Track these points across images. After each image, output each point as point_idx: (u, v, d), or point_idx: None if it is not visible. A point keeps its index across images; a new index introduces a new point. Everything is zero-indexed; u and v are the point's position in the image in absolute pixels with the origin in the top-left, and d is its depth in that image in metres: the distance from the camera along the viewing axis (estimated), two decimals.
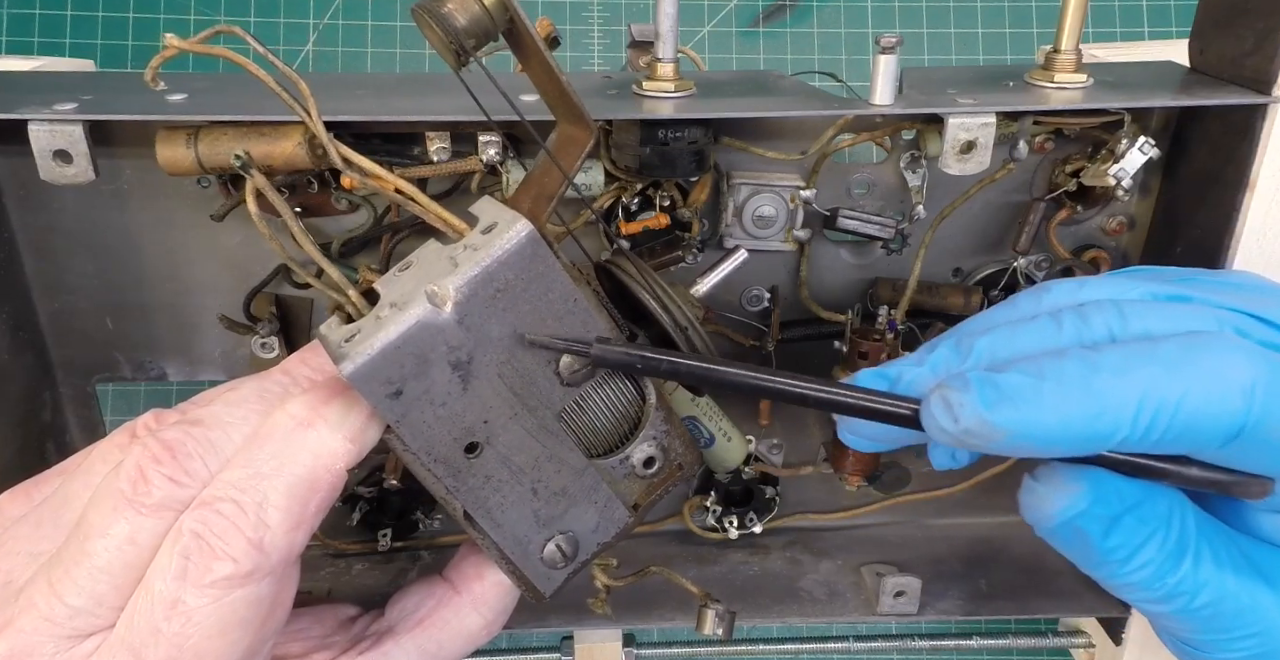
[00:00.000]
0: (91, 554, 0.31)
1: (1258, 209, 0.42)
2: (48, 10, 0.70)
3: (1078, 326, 0.33)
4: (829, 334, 0.50)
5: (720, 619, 0.41)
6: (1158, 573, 0.32)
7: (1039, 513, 0.33)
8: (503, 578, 0.39)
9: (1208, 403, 0.29)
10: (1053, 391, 0.30)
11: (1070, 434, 0.30)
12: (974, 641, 0.55)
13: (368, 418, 0.33)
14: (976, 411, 0.30)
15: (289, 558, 0.32)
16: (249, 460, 0.32)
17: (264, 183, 0.35)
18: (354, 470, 0.52)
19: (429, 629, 0.39)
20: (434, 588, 0.40)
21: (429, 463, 0.34)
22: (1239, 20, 0.41)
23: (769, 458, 0.55)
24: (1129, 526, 0.32)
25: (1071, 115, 0.44)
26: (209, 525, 0.31)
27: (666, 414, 0.38)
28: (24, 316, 0.49)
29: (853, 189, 0.49)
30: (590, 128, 0.33)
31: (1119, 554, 0.32)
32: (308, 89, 0.33)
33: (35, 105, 0.39)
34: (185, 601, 0.31)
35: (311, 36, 0.71)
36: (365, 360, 0.31)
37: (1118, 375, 0.30)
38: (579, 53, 0.71)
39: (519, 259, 0.32)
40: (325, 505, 0.33)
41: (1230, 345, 0.30)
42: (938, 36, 0.72)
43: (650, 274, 0.39)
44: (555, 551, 0.37)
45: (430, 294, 0.32)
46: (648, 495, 0.39)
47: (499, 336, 0.33)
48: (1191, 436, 0.30)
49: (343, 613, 0.42)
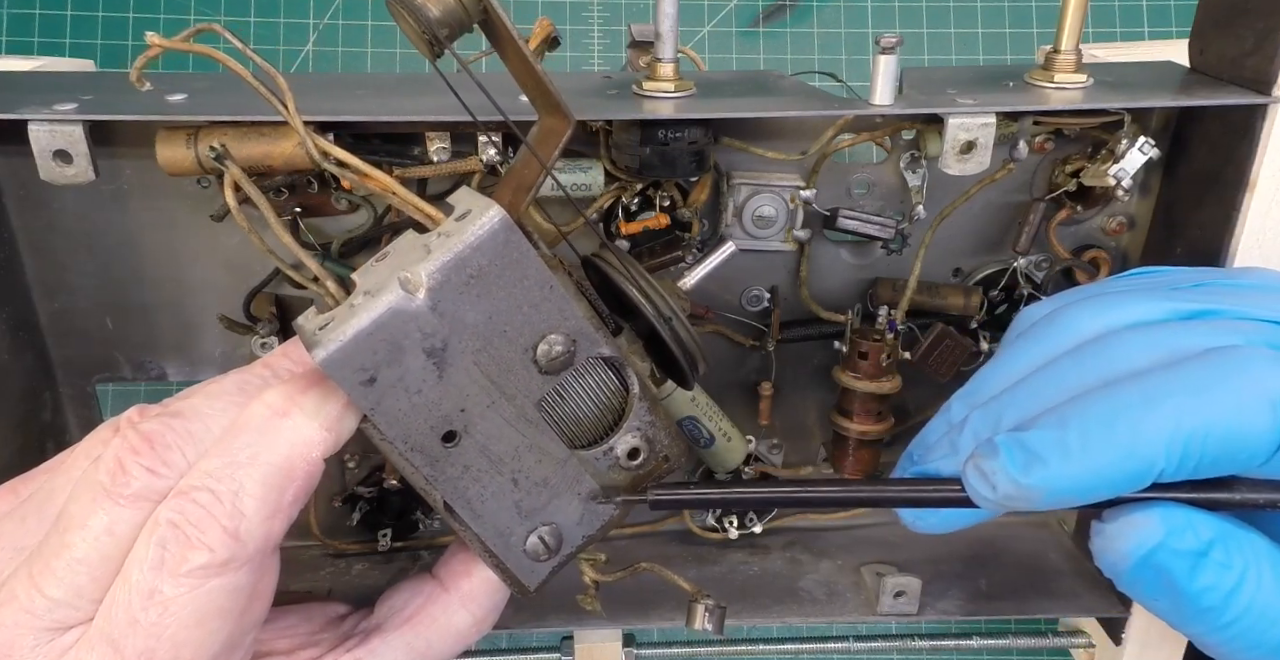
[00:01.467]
0: (70, 546, 0.31)
1: (1258, 209, 0.41)
2: (48, 10, 0.70)
3: (1099, 363, 0.31)
4: (829, 334, 0.50)
5: (710, 613, 0.41)
6: (1264, 619, 0.30)
7: (1114, 554, 0.31)
8: (491, 575, 0.38)
9: (1240, 422, 0.28)
10: (1078, 440, 0.29)
11: (1106, 480, 0.29)
12: (974, 641, 0.55)
13: (344, 407, 0.33)
14: (1010, 477, 0.29)
15: (266, 547, 0.32)
16: (225, 450, 0.32)
17: (240, 174, 0.35)
18: (353, 469, 0.53)
19: (417, 626, 0.39)
20: (422, 585, 0.40)
21: (406, 452, 0.34)
22: (1239, 20, 0.41)
23: (769, 458, 0.55)
24: (1217, 565, 0.30)
25: (1071, 115, 0.44)
26: (185, 514, 0.31)
27: (651, 405, 0.38)
28: (24, 316, 0.49)
29: (853, 189, 0.49)
30: (568, 118, 0.33)
31: (1211, 599, 0.30)
32: (285, 83, 0.34)
33: (35, 105, 0.39)
34: (162, 591, 0.31)
35: (311, 36, 0.71)
36: (337, 347, 0.31)
37: (1142, 412, 0.29)
38: (579, 53, 0.71)
39: (492, 245, 0.32)
40: (302, 495, 0.33)
41: (1254, 359, 0.29)
42: (938, 36, 0.72)
43: (634, 265, 0.39)
44: (538, 543, 0.37)
45: (403, 280, 0.32)
46: (633, 487, 0.39)
47: (474, 323, 0.33)
48: (1230, 459, 0.29)
49: (332, 611, 0.41)
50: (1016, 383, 0.33)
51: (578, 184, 0.44)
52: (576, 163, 0.44)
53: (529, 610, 0.50)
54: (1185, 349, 0.31)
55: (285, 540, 0.34)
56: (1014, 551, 0.55)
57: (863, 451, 0.50)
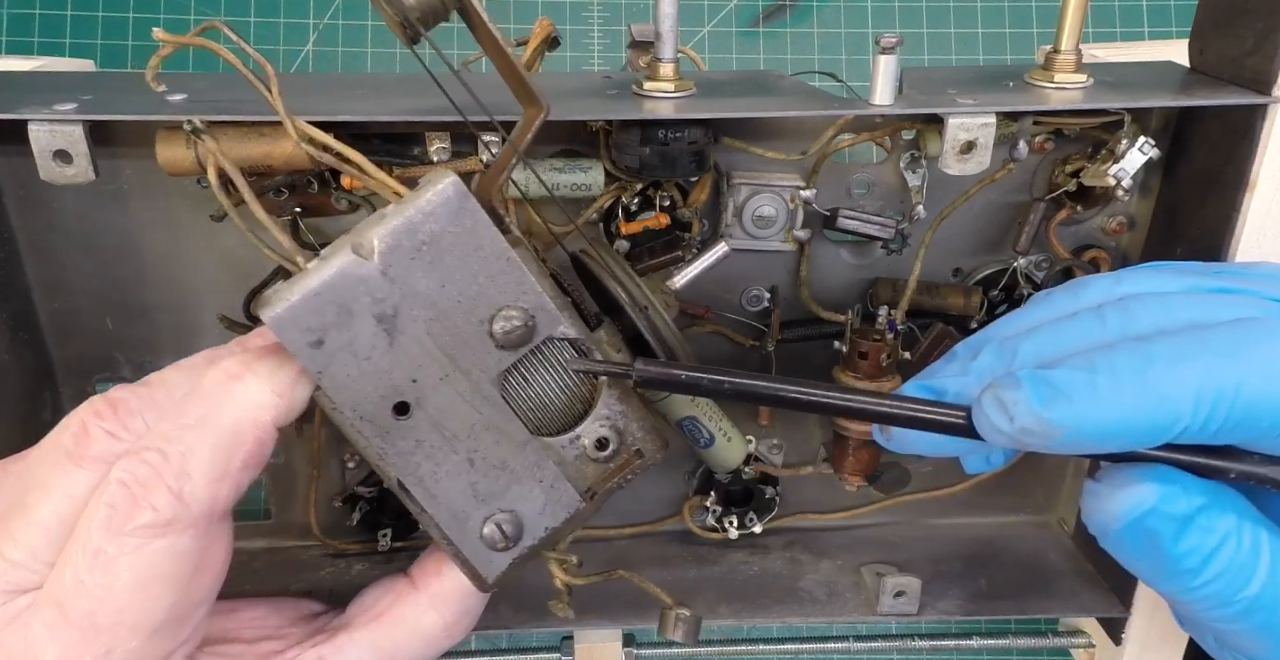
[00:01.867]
0: (30, 507, 0.32)
1: (1258, 209, 0.41)
2: (48, 10, 0.70)
3: (1123, 320, 0.32)
4: (829, 334, 0.50)
5: (681, 623, 0.40)
6: (1233, 583, 0.31)
7: (1105, 514, 0.31)
8: (464, 577, 0.38)
9: (1268, 388, 0.29)
10: (1108, 384, 0.29)
11: (1130, 427, 0.29)
12: (974, 641, 0.55)
13: (297, 374, 0.33)
14: (1032, 409, 0.29)
15: (212, 511, 0.32)
16: (179, 413, 0.32)
17: (215, 146, 0.36)
18: (353, 469, 0.53)
19: (384, 625, 0.38)
20: (394, 583, 0.40)
21: (355, 421, 0.33)
22: (1239, 20, 0.41)
23: (769, 458, 0.55)
24: (1201, 529, 0.30)
25: (1071, 115, 0.44)
26: (134, 474, 0.31)
27: (622, 394, 0.37)
28: (24, 316, 0.49)
29: (853, 189, 0.49)
30: (540, 104, 0.34)
31: (1191, 562, 0.31)
32: (273, 71, 0.35)
33: (35, 105, 0.39)
34: (106, 551, 0.31)
35: (311, 36, 0.71)
36: (285, 306, 0.31)
37: (1173, 365, 0.29)
38: (579, 53, 0.71)
39: (445, 211, 0.32)
40: (253, 461, 0.33)
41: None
42: (938, 36, 0.72)
43: (614, 256, 0.39)
44: (495, 531, 0.36)
45: (355, 245, 0.32)
46: (604, 482, 0.38)
47: (426, 291, 0.33)
48: (1251, 424, 0.29)
49: (305, 607, 0.41)
50: (1033, 328, 0.33)
51: (578, 184, 0.44)
52: (576, 163, 0.44)
53: (529, 610, 0.50)
54: (1211, 317, 0.31)
55: (286, 540, 0.34)
56: (1014, 551, 0.55)
57: (863, 452, 0.50)
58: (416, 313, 0.33)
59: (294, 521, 0.54)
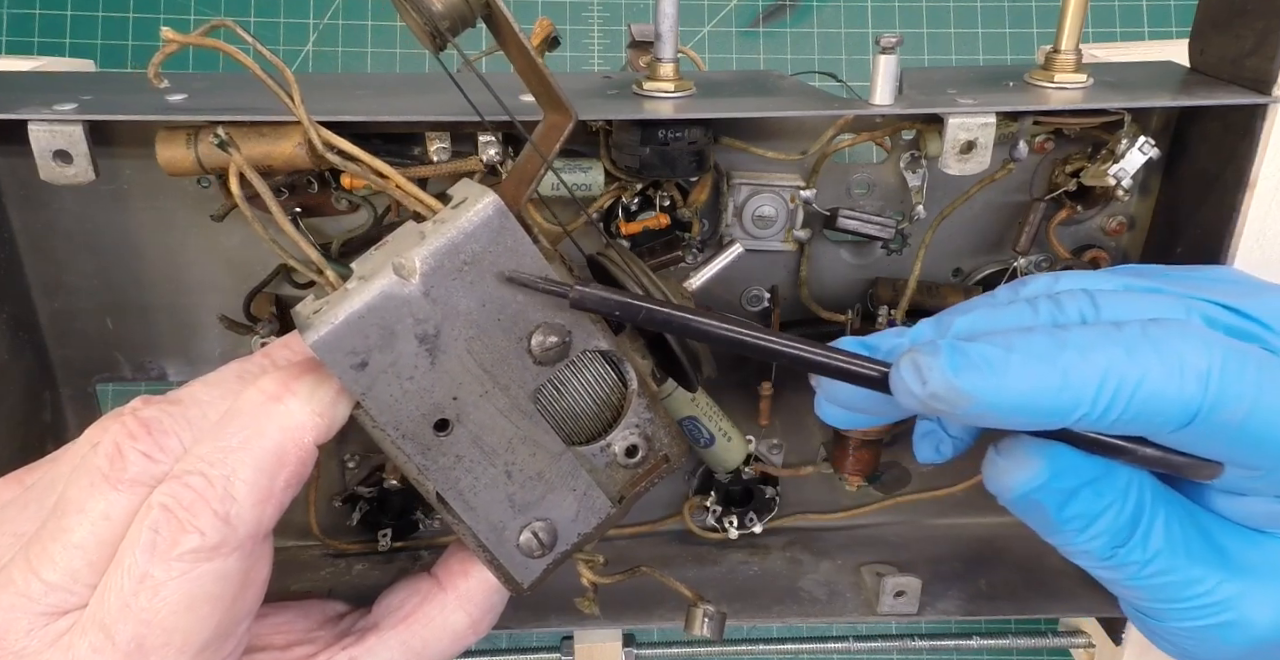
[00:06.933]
0: (67, 530, 0.31)
1: (1258, 209, 0.42)
2: (48, 10, 0.70)
3: (1051, 311, 0.34)
4: (829, 334, 0.50)
5: (709, 619, 0.40)
6: (1110, 543, 0.34)
7: (999, 485, 0.34)
8: (490, 576, 0.38)
9: (1165, 386, 0.30)
10: (1019, 363, 0.30)
11: (1033, 406, 0.30)
12: (974, 641, 0.55)
13: (337, 393, 0.33)
14: (944, 375, 0.30)
15: (257, 532, 0.32)
16: (219, 435, 0.32)
17: (243, 161, 0.35)
18: (353, 469, 0.53)
19: (413, 625, 0.39)
20: (420, 584, 0.40)
21: (398, 440, 0.34)
22: (1239, 20, 0.41)
23: (769, 458, 0.55)
24: (1085, 499, 0.33)
25: (1071, 115, 0.44)
26: (177, 498, 0.31)
27: (650, 402, 0.38)
28: (24, 316, 0.49)
29: (853, 189, 0.49)
30: (569, 112, 0.34)
31: (1074, 524, 0.33)
32: (292, 77, 0.34)
33: (35, 105, 0.39)
34: (153, 575, 0.31)
35: (311, 36, 0.71)
36: (329, 329, 0.31)
37: (1082, 353, 0.30)
38: (579, 53, 0.71)
39: (486, 231, 0.32)
40: (295, 481, 0.33)
41: (1191, 332, 0.31)
42: (938, 36, 0.72)
43: (636, 262, 0.39)
44: (532, 539, 0.37)
45: (397, 266, 0.32)
46: (633, 486, 0.38)
47: (467, 310, 0.33)
48: (1148, 418, 0.31)
49: (330, 609, 0.41)
50: (970, 310, 0.35)
51: (578, 184, 0.44)
52: (576, 163, 0.44)
53: (529, 610, 0.50)
54: (1134, 314, 0.33)
55: (286, 540, 0.34)
56: (1014, 551, 0.55)
57: (863, 452, 0.50)
58: (457, 332, 0.33)
59: (294, 521, 0.54)
